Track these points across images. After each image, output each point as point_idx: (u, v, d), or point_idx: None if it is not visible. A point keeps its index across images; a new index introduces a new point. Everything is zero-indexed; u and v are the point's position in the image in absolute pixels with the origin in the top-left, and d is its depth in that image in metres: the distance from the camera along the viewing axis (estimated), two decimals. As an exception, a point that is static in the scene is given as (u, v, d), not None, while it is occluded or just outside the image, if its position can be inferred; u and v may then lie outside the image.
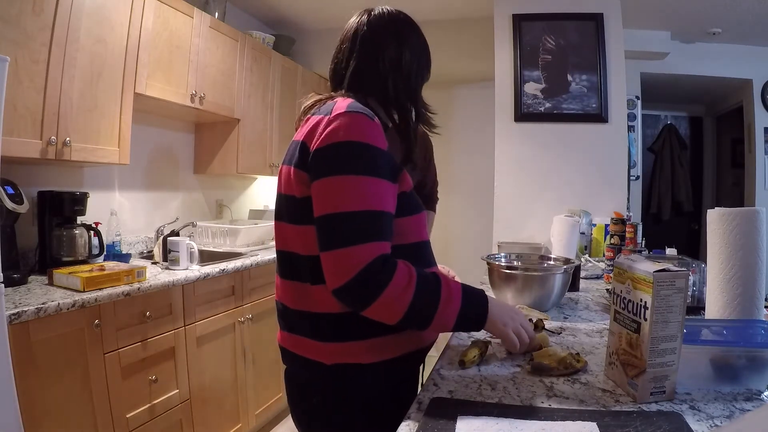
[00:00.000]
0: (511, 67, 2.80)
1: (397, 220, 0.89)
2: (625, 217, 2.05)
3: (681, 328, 0.74)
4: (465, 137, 3.91)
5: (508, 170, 2.82)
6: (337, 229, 0.80)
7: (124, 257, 2.16)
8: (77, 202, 1.97)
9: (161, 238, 2.20)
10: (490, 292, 1.35)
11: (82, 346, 1.53)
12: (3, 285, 1.23)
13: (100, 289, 1.60)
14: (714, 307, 1.05)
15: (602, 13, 2.72)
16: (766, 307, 1.04)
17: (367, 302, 0.79)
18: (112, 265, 1.80)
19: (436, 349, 1.06)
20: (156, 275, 1.89)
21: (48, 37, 1.67)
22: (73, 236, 1.93)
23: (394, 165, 0.87)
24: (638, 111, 3.81)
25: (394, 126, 0.99)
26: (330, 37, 3.57)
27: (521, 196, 2.80)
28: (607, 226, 2.33)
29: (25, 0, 1.59)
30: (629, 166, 3.20)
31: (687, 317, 0.75)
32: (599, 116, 2.71)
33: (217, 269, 2.11)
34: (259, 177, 3.50)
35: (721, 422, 0.68)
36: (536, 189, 2.78)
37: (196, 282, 1.99)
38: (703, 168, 4.80)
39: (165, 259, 2.09)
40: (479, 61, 3.32)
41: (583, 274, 1.83)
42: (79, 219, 2.01)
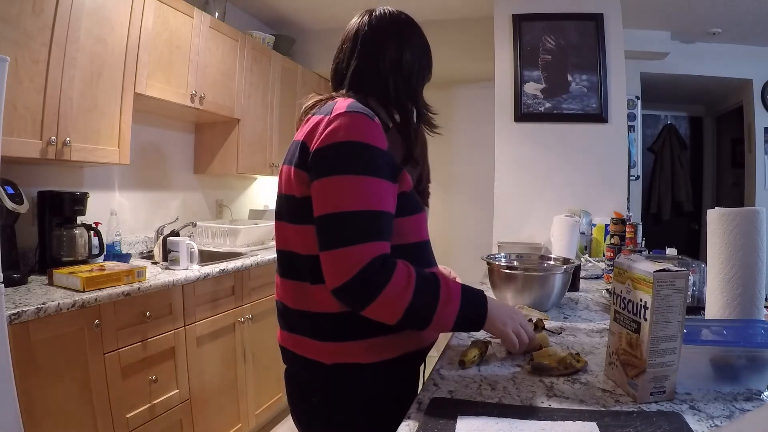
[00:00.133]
0: (511, 67, 2.80)
1: (398, 220, 0.89)
2: (625, 217, 2.05)
3: (681, 328, 0.74)
4: (465, 137, 3.91)
5: (508, 170, 2.82)
6: (337, 228, 0.80)
7: (124, 257, 2.16)
8: (77, 202, 1.97)
9: (161, 238, 2.20)
10: (489, 293, 1.35)
11: (82, 346, 1.53)
12: (3, 285, 1.23)
13: (100, 289, 1.60)
14: (714, 307, 1.05)
15: (602, 13, 2.72)
16: (766, 307, 1.04)
17: (366, 302, 0.79)
18: (112, 265, 1.80)
19: (436, 349, 1.06)
20: (156, 275, 1.89)
21: (48, 37, 1.67)
22: (73, 236, 1.93)
23: (394, 165, 0.87)
24: (638, 111, 3.81)
25: (395, 126, 0.99)
26: (330, 37, 3.62)
27: (521, 196, 2.80)
28: (607, 226, 2.33)
29: (25, 0, 1.59)
30: (629, 166, 3.20)
31: (687, 317, 0.75)
32: (599, 116, 2.71)
33: (217, 269, 2.11)
34: (259, 177, 3.50)
35: (721, 422, 0.68)
36: (536, 189, 2.78)
37: (196, 282, 1.99)
38: (703, 168, 4.80)
39: (165, 259, 2.09)
40: (479, 61, 3.32)
41: (583, 274, 1.83)
42: (79, 219, 2.01)
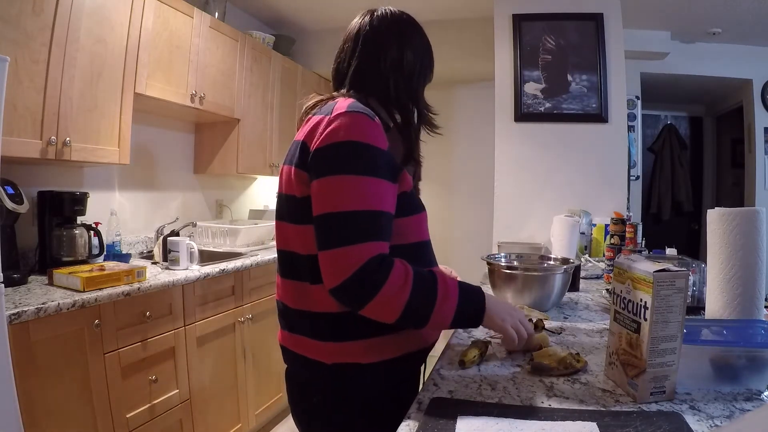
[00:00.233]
0: (511, 67, 2.80)
1: (398, 220, 0.89)
2: (625, 217, 2.05)
3: (681, 328, 0.74)
4: (465, 137, 3.91)
5: (508, 170, 2.82)
6: (335, 228, 0.80)
7: (124, 257, 2.16)
8: (77, 202, 1.97)
9: (161, 238, 2.20)
10: (489, 292, 1.35)
11: (82, 346, 1.53)
12: (3, 285, 1.23)
13: (100, 289, 1.60)
14: (714, 307, 1.05)
15: (602, 13, 2.72)
16: (766, 307, 1.04)
17: (363, 302, 0.79)
18: (112, 265, 1.80)
19: (436, 349, 1.05)
20: (156, 275, 1.89)
21: (48, 37, 1.67)
22: (73, 236, 1.93)
23: (394, 165, 0.87)
24: (638, 111, 3.81)
25: (396, 126, 0.99)
26: (330, 37, 3.63)
27: (521, 196, 2.80)
28: (607, 226, 2.33)
29: (25, 0, 1.59)
30: (629, 166, 3.20)
31: (687, 317, 0.75)
32: (599, 116, 2.71)
33: (217, 269, 2.11)
34: (259, 177, 3.50)
35: (721, 422, 0.68)
36: (536, 189, 2.78)
37: (196, 282, 1.99)
38: (703, 168, 4.80)
39: (165, 259, 2.09)
40: (479, 61, 3.32)
41: (583, 274, 1.83)
42: (79, 219, 2.01)
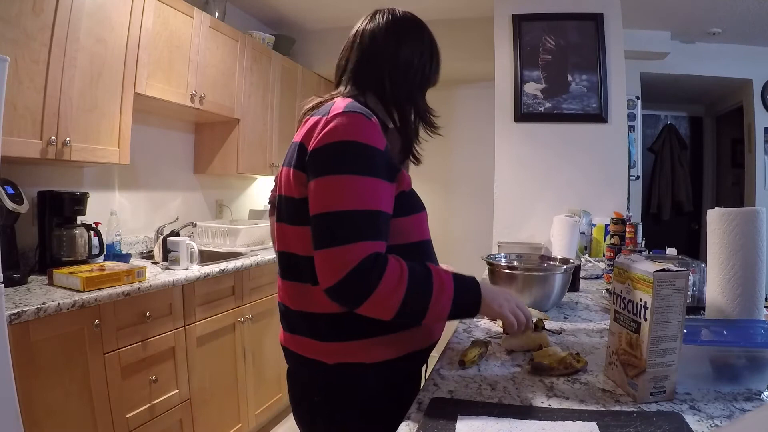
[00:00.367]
0: (511, 67, 2.80)
1: (398, 220, 0.89)
2: (625, 217, 2.05)
3: (681, 328, 0.74)
4: (465, 137, 3.90)
5: (508, 170, 2.82)
6: (330, 228, 0.80)
7: (124, 257, 2.16)
8: (77, 202, 1.97)
9: (161, 238, 2.20)
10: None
11: (82, 346, 1.53)
12: (3, 285, 1.23)
13: (100, 289, 1.60)
14: (714, 307, 1.05)
15: (602, 13, 2.71)
16: (766, 307, 1.04)
17: (359, 301, 0.79)
18: (112, 265, 1.80)
19: (437, 349, 1.05)
20: (156, 275, 1.89)
21: (48, 37, 1.67)
22: (73, 236, 1.93)
23: (391, 164, 0.87)
24: (638, 111, 3.80)
25: (394, 125, 0.99)
26: (330, 37, 3.63)
27: (521, 196, 2.80)
28: (607, 226, 2.33)
29: (25, 0, 1.59)
30: (629, 166, 3.19)
31: (687, 317, 0.75)
32: (599, 116, 2.70)
33: (217, 269, 2.11)
34: (259, 177, 3.49)
35: (721, 422, 0.68)
36: (536, 189, 2.77)
37: (196, 282, 1.99)
38: (703, 168, 4.79)
39: (165, 259, 2.09)
40: (479, 61, 3.32)
41: (583, 274, 1.83)
42: (79, 219, 2.01)
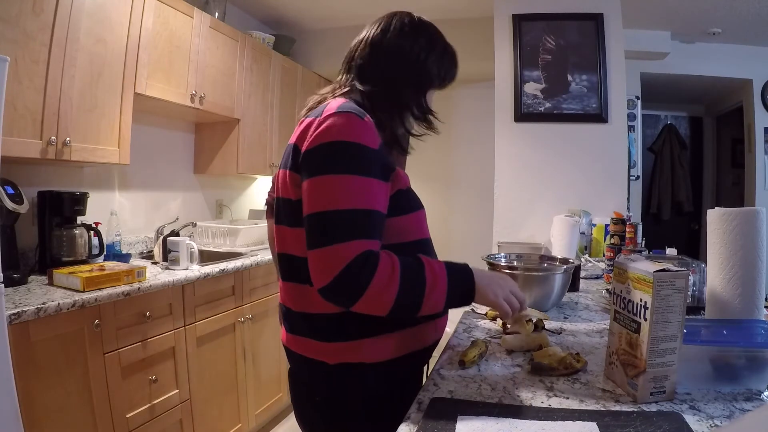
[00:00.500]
0: (511, 67, 2.80)
1: (396, 219, 0.89)
2: (625, 217, 2.05)
3: (681, 328, 0.74)
4: (465, 137, 3.90)
5: (508, 170, 2.82)
6: (323, 227, 0.80)
7: (124, 257, 2.16)
8: (77, 202, 1.97)
9: (161, 238, 2.20)
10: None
11: (82, 346, 1.53)
12: (3, 285, 1.23)
13: (100, 289, 1.60)
14: (714, 307, 1.05)
15: (602, 13, 2.71)
16: (766, 307, 1.04)
17: (353, 299, 0.79)
18: (112, 265, 1.80)
19: (437, 348, 1.05)
20: (156, 275, 1.89)
21: (48, 37, 1.67)
22: (73, 236, 1.93)
23: (386, 164, 0.87)
24: (638, 111, 3.81)
25: (382, 119, 0.97)
26: (330, 37, 3.63)
27: (521, 196, 2.80)
28: (607, 226, 2.33)
29: (25, 0, 1.59)
30: (629, 166, 3.19)
31: (687, 317, 0.75)
32: (599, 116, 2.70)
33: (217, 269, 2.11)
34: (259, 177, 3.50)
35: (721, 422, 0.68)
36: (536, 189, 2.78)
37: (196, 282, 1.99)
38: (703, 168, 4.79)
39: (165, 259, 2.09)
40: (479, 61, 3.31)
41: (583, 274, 1.83)
42: (79, 219, 2.01)
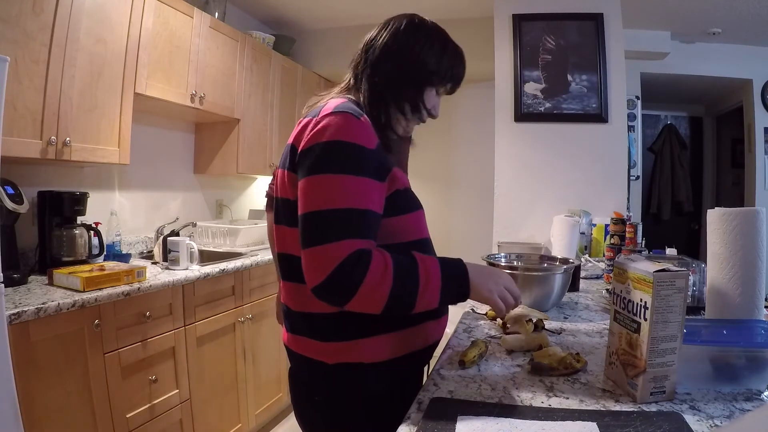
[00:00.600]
0: (511, 67, 2.80)
1: (394, 219, 0.89)
2: (625, 217, 2.05)
3: (681, 328, 0.74)
4: (465, 137, 3.90)
5: (508, 170, 2.82)
6: (316, 227, 0.80)
7: (124, 257, 2.16)
8: (77, 202, 1.97)
9: (161, 238, 2.20)
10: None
11: (82, 346, 1.53)
12: (3, 285, 1.23)
13: (100, 289, 1.60)
14: (714, 307, 1.05)
15: (602, 13, 2.71)
16: (766, 307, 1.04)
17: (345, 298, 0.79)
18: (112, 265, 1.80)
19: (438, 348, 1.05)
20: (156, 275, 1.89)
21: (48, 37, 1.67)
22: (73, 236, 1.93)
23: (381, 164, 0.86)
24: (638, 111, 3.81)
25: (379, 119, 0.96)
26: (330, 37, 3.63)
27: (521, 196, 2.80)
28: (607, 226, 2.33)
29: (25, 0, 1.59)
30: (629, 166, 3.19)
31: (687, 317, 0.75)
32: (599, 116, 2.70)
33: (217, 269, 2.11)
34: (259, 177, 3.50)
35: (721, 422, 0.68)
36: (536, 189, 2.78)
37: (196, 282, 1.99)
38: (703, 168, 4.79)
39: (165, 259, 2.09)
40: (479, 61, 3.30)
41: (583, 274, 1.83)
42: (79, 219, 2.01)
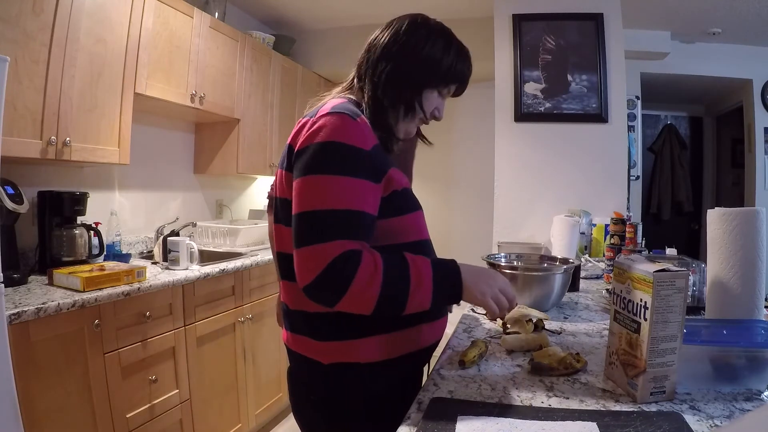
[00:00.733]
0: (511, 67, 2.80)
1: (393, 220, 0.89)
2: (625, 217, 2.05)
3: (681, 328, 0.74)
4: (465, 137, 3.91)
5: (508, 170, 2.82)
6: (308, 227, 0.80)
7: (124, 257, 2.16)
8: (77, 202, 1.97)
9: (161, 238, 2.20)
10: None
11: (82, 346, 1.53)
12: (3, 285, 1.23)
13: (100, 289, 1.60)
14: (714, 307, 1.05)
15: (602, 13, 2.71)
16: (766, 307, 1.04)
17: (335, 298, 0.79)
18: (112, 265, 1.80)
19: (437, 349, 1.05)
20: (156, 275, 1.89)
21: (48, 37, 1.67)
22: (73, 236, 1.93)
23: (377, 165, 0.86)
24: (638, 111, 3.81)
25: (376, 118, 0.95)
26: (330, 37, 3.63)
27: (521, 196, 2.80)
28: (607, 226, 2.33)
29: (25, 0, 1.59)
30: (629, 166, 3.19)
31: (687, 317, 0.75)
32: (599, 116, 2.70)
33: (217, 269, 2.11)
34: (259, 177, 3.49)
35: (721, 422, 0.68)
36: (536, 189, 2.78)
37: (196, 282, 1.99)
38: (703, 168, 4.79)
39: (165, 259, 2.09)
40: (479, 61, 3.27)
41: (583, 274, 1.83)
42: (79, 219, 2.01)
